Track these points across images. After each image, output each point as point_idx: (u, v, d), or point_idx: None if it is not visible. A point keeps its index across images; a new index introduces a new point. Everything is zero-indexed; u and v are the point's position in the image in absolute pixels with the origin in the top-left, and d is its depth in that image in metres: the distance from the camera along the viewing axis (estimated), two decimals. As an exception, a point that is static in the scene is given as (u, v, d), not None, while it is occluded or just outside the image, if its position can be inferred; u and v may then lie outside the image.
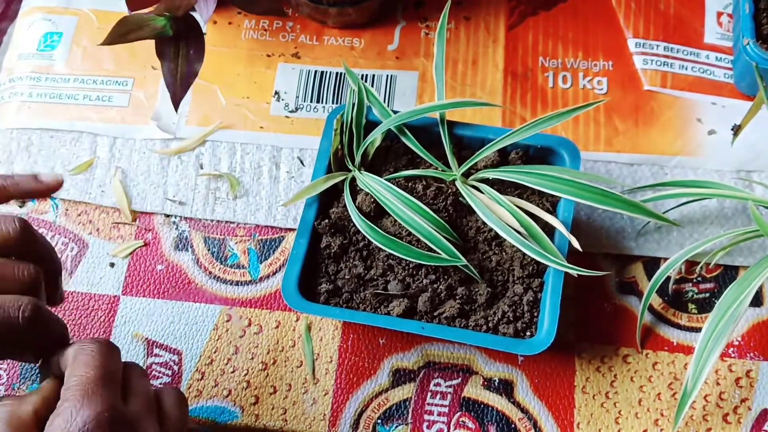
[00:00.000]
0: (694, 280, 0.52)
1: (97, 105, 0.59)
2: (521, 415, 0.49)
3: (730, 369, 0.50)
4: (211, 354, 0.51)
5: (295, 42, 0.61)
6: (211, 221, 0.55)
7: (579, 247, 0.44)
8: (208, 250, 0.54)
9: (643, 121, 0.57)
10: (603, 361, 0.50)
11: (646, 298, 0.49)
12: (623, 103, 0.57)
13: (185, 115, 0.58)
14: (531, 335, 0.46)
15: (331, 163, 0.49)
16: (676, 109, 0.57)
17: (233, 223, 0.55)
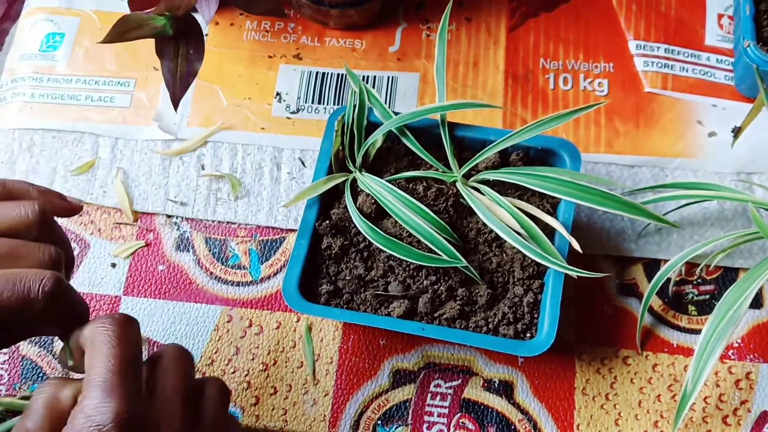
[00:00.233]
0: (694, 282, 0.52)
1: (99, 106, 0.59)
2: (521, 417, 0.49)
3: (730, 371, 0.50)
4: (211, 354, 0.51)
5: (296, 43, 0.61)
6: (213, 222, 0.55)
7: (579, 249, 0.44)
8: (209, 251, 0.54)
9: (643, 123, 0.57)
10: (603, 362, 0.50)
11: (646, 300, 0.49)
12: (624, 105, 0.57)
13: (187, 115, 0.59)
14: (531, 337, 0.46)
15: (332, 165, 0.49)
16: (677, 111, 0.57)
17: (234, 223, 0.55)
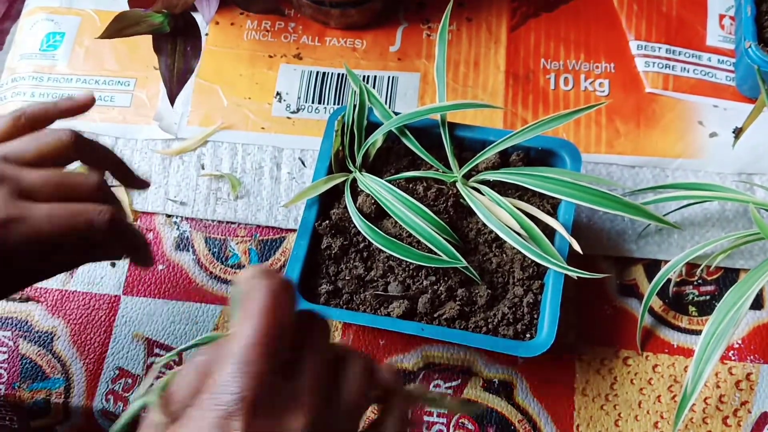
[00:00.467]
0: (695, 283, 0.52)
1: (99, 105, 0.59)
2: (521, 417, 0.49)
3: (731, 372, 0.49)
4: (211, 354, 0.51)
5: (297, 43, 0.61)
6: (212, 221, 0.55)
7: (579, 250, 0.44)
8: (209, 251, 0.54)
9: (644, 123, 0.56)
10: (603, 363, 0.50)
11: (647, 301, 0.49)
12: (625, 106, 0.57)
13: (187, 115, 0.58)
14: (531, 337, 0.46)
15: (332, 164, 0.49)
16: (678, 112, 0.57)
17: (234, 223, 0.55)
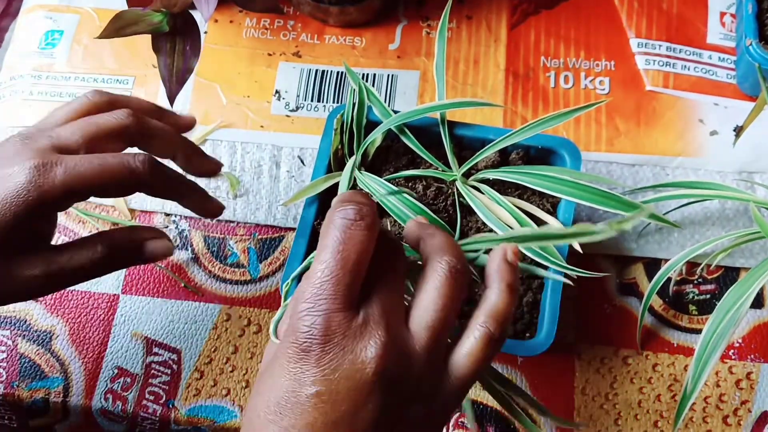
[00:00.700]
0: (695, 282, 0.52)
1: (98, 103, 0.59)
2: (520, 416, 0.49)
3: (731, 371, 0.49)
4: (210, 353, 0.51)
5: (296, 41, 0.61)
6: (211, 220, 0.55)
7: (579, 249, 0.43)
8: (208, 249, 0.54)
9: (644, 121, 0.56)
10: (603, 362, 0.50)
11: (647, 300, 0.49)
12: (625, 104, 0.57)
13: (186, 113, 0.58)
14: (530, 336, 0.46)
15: (332, 163, 0.49)
16: (678, 110, 0.57)
17: (233, 222, 0.55)
